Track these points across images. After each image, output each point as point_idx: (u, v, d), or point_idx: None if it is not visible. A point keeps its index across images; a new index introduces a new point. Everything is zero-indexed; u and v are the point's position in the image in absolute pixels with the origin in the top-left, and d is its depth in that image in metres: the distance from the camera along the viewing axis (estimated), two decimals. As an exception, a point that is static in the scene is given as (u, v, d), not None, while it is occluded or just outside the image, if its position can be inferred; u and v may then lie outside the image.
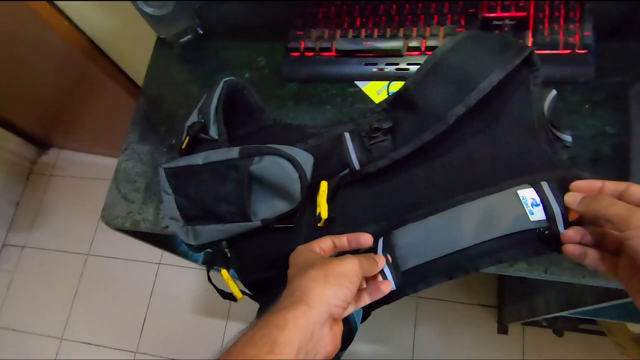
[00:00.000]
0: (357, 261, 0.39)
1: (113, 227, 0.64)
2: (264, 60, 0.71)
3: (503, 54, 0.49)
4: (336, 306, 0.37)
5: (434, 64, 0.50)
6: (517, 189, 0.42)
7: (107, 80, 1.06)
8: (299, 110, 0.66)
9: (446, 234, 0.42)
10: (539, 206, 0.41)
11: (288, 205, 0.48)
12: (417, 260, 0.43)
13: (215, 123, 0.52)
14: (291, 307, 0.35)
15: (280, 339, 0.33)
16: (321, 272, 0.38)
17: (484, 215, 0.41)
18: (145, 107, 0.71)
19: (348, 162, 0.50)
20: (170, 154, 0.66)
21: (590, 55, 0.59)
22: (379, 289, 0.42)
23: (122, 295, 1.50)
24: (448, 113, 0.47)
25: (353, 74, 0.66)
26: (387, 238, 0.44)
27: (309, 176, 0.48)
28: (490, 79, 0.47)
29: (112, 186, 0.66)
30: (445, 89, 0.49)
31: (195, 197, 0.50)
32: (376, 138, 0.51)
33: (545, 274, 0.52)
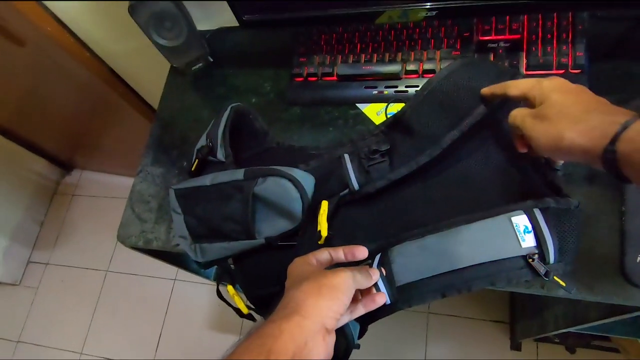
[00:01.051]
0: (350, 274, 0.41)
1: (128, 245, 0.67)
2: (270, 86, 0.74)
3: (497, 80, 0.51)
4: (329, 317, 0.38)
5: (430, 91, 0.53)
6: (511, 215, 0.43)
7: (126, 106, 1.12)
8: (302, 133, 0.69)
9: (442, 254, 0.44)
10: (530, 233, 0.43)
11: (290, 223, 0.51)
12: (412, 276, 0.44)
13: (222, 146, 0.55)
14: (286, 318, 0.37)
15: (274, 347, 0.35)
16: (315, 285, 0.39)
17: (478, 239, 0.43)
18: (159, 131, 0.76)
19: (347, 183, 0.52)
20: (181, 175, 0.70)
21: (583, 75, 0.60)
22: (373, 300, 0.44)
23: (139, 311, 1.54)
24: (443, 138, 0.50)
25: (354, 97, 0.69)
26: (384, 254, 0.46)
27: (310, 196, 0.51)
28: (483, 106, 0.50)
29: (127, 206, 0.70)
30: (441, 115, 0.51)
31: (203, 217, 0.53)
32: (374, 160, 0.53)
33: (542, 290, 0.53)
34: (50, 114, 1.34)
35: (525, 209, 0.43)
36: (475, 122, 0.50)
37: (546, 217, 0.43)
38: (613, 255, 0.52)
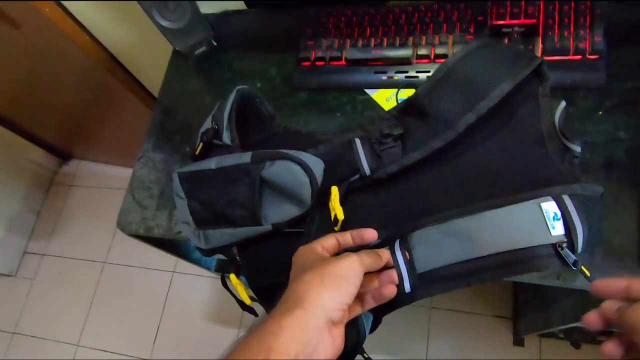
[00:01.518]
0: (356, 258, 0.38)
1: (128, 233, 0.65)
2: (275, 70, 0.72)
3: (514, 63, 0.50)
4: (334, 309, 0.35)
5: (445, 73, 0.51)
6: (540, 201, 0.41)
7: (126, 93, 1.09)
8: (309, 118, 0.67)
9: (467, 240, 0.41)
10: (560, 220, 0.40)
11: (298, 209, 0.49)
12: (435, 263, 0.42)
13: (228, 129, 0.53)
14: (286, 313, 0.34)
15: (275, 345, 0.32)
16: (317, 274, 0.37)
17: (506, 225, 0.41)
18: (160, 116, 0.73)
19: (358, 168, 0.50)
20: (184, 161, 0.68)
21: (601, 61, 0.59)
22: (382, 294, 0.41)
23: (137, 303, 1.52)
24: (458, 121, 0.48)
25: (363, 82, 0.67)
26: (404, 240, 0.44)
27: (320, 181, 0.49)
28: (500, 88, 0.48)
29: (128, 193, 0.68)
30: (456, 98, 0.49)
31: (208, 201, 0.51)
32: (386, 144, 0.51)
33: (558, 280, 0.51)
34: (48, 101, 1.31)
35: (554, 196, 0.41)
36: (492, 105, 0.48)
37: (575, 204, 0.41)
38: (631, 246, 0.51)
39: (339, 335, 0.37)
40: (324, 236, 0.44)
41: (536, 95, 0.52)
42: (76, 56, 0.97)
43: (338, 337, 0.37)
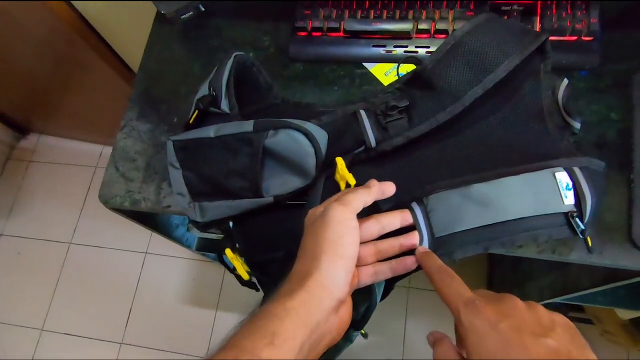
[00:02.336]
0: (337, 206, 0.36)
1: (111, 207, 0.61)
2: (269, 40, 0.69)
3: (521, 38, 0.50)
4: (339, 287, 0.34)
5: (453, 45, 0.50)
6: (554, 171, 0.42)
7: (97, 60, 1.02)
8: (305, 91, 0.65)
9: (487, 204, 0.41)
10: (571, 190, 0.41)
11: (302, 181, 0.47)
12: (455, 227, 0.41)
13: (227, 97, 0.50)
14: (292, 294, 0.32)
15: (280, 329, 0.30)
16: (314, 243, 0.35)
17: (524, 192, 0.41)
18: (144, 83, 0.69)
19: (364, 139, 0.49)
20: (172, 132, 0.64)
21: (595, 43, 0.60)
22: (403, 264, 0.40)
23: (107, 285, 1.46)
24: (466, 94, 0.48)
25: (361, 56, 0.65)
26: (420, 203, 0.43)
27: (324, 152, 0.47)
28: (509, 62, 0.48)
29: (110, 164, 0.63)
30: (464, 70, 0.49)
31: (205, 172, 0.48)
32: (392, 116, 0.50)
33: (554, 254, 0.53)
34: (4, 67, 1.20)
35: (565, 166, 0.42)
36: (499, 79, 0.48)
37: (585, 175, 0.42)
38: (621, 222, 0.53)
39: (347, 311, 0.36)
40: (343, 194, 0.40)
41: (538, 72, 0.53)
42: (41, 18, 0.89)
43: (345, 314, 0.35)
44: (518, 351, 0.29)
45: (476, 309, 0.32)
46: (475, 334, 0.31)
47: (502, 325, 0.30)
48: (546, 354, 0.28)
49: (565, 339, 0.29)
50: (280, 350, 0.29)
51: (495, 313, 0.31)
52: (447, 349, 0.34)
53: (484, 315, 0.31)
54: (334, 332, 0.34)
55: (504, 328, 0.30)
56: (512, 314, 0.31)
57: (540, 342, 0.29)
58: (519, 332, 0.29)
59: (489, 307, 0.31)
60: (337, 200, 0.37)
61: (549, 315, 0.31)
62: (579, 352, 0.29)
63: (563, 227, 0.41)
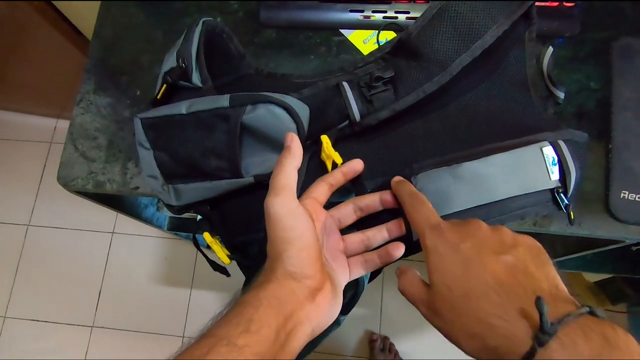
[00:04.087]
0: (276, 201, 0.35)
1: (72, 190, 0.56)
2: (238, 3, 0.64)
3: (507, 3, 0.48)
4: (308, 276, 0.33)
5: (439, 10, 0.47)
6: (541, 145, 0.40)
7: (43, 24, 0.91)
8: (279, 60, 0.60)
9: (480, 185, 0.40)
10: (557, 165, 0.41)
11: None
12: (446, 209, 0.40)
13: (198, 69, 0.46)
14: (264, 285, 0.32)
15: (255, 317, 0.30)
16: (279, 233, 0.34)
17: (513, 170, 0.40)
18: (100, 53, 0.62)
19: (348, 113, 0.46)
20: (136, 106, 0.58)
21: (576, 9, 0.59)
22: (389, 254, 0.39)
23: (73, 268, 1.39)
24: (453, 63, 0.46)
25: (338, 22, 0.61)
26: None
27: (306, 127, 0.44)
28: (497, 27, 0.46)
29: (68, 143, 0.57)
30: (451, 37, 0.46)
31: (178, 152, 0.44)
32: (377, 88, 0.47)
33: (535, 227, 0.53)
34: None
35: (551, 140, 0.41)
36: (487, 46, 0.46)
37: (570, 149, 0.41)
38: (599, 191, 0.53)
39: (326, 298, 0.34)
40: (311, 186, 0.40)
41: (523, 40, 0.51)
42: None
43: (324, 301, 0.34)
44: (476, 268, 0.29)
45: (440, 231, 0.32)
46: (437, 255, 0.31)
47: (463, 245, 0.30)
48: (504, 270, 0.29)
49: (526, 256, 0.30)
50: (256, 337, 0.29)
51: (458, 235, 0.31)
52: (411, 277, 0.35)
53: (447, 237, 0.31)
54: (313, 321, 0.33)
55: (464, 248, 0.30)
56: (475, 235, 0.31)
57: (499, 258, 0.29)
58: (479, 251, 0.30)
59: (453, 229, 0.32)
60: (269, 192, 0.35)
61: (513, 236, 0.32)
62: (538, 269, 0.29)
63: (549, 204, 0.41)
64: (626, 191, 0.52)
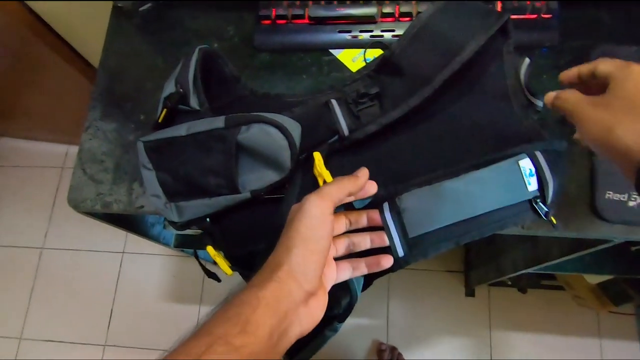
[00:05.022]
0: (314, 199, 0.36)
1: (82, 211, 0.60)
2: (233, 30, 0.68)
3: (484, 19, 0.51)
4: (306, 280, 0.34)
5: (419, 29, 0.51)
6: (518, 159, 0.43)
7: (55, 58, 0.97)
8: (274, 81, 0.64)
9: (458, 201, 0.42)
10: (534, 176, 0.43)
11: (278, 175, 0.47)
12: (428, 226, 0.42)
13: (195, 93, 0.49)
14: (263, 284, 0.33)
15: (252, 318, 0.31)
16: (286, 236, 0.36)
17: (491, 185, 0.42)
18: (106, 81, 0.66)
19: (337, 129, 0.49)
20: (140, 130, 0.62)
21: (554, 20, 0.61)
22: (378, 263, 0.41)
23: (85, 288, 1.43)
24: (435, 77, 0.48)
25: (327, 42, 0.65)
26: (392, 203, 0.44)
27: (298, 144, 0.47)
28: (473, 42, 0.49)
29: (77, 167, 0.61)
30: (431, 53, 0.49)
31: (179, 171, 0.47)
32: (363, 104, 0.50)
33: (523, 230, 0.55)
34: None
35: (528, 152, 0.43)
36: (466, 59, 0.49)
37: (547, 159, 0.43)
38: (584, 193, 0.55)
39: (317, 304, 0.36)
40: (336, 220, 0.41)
41: (501, 53, 0.54)
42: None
43: (316, 307, 0.35)
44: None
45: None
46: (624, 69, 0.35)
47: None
48: None
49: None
50: (252, 337, 0.30)
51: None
52: (572, 91, 0.39)
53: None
54: (304, 323, 0.34)
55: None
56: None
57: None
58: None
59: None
60: (315, 193, 0.38)
61: None
62: None
63: (527, 213, 0.43)
64: (611, 192, 0.54)
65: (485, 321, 1.27)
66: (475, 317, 1.28)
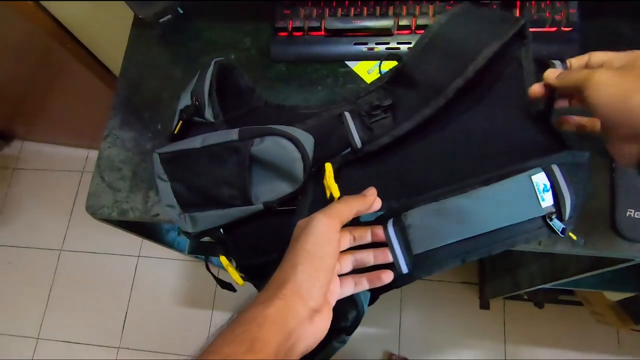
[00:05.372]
0: (321, 217, 0.37)
1: (99, 218, 0.61)
2: (250, 41, 0.68)
3: (498, 25, 0.49)
4: (311, 298, 0.35)
5: (431, 38, 0.50)
6: (531, 174, 0.41)
7: (77, 65, 1.00)
8: (289, 92, 0.64)
9: (463, 218, 0.41)
10: (549, 191, 0.41)
11: (290, 186, 0.47)
12: (432, 243, 0.42)
13: (210, 105, 0.50)
14: (269, 302, 0.33)
15: (259, 335, 0.31)
16: (292, 253, 0.36)
17: (500, 202, 0.41)
18: (125, 91, 0.68)
19: (350, 141, 0.49)
20: (157, 139, 0.63)
21: (575, 33, 0.60)
22: (379, 278, 0.41)
23: (101, 290, 1.45)
24: (448, 86, 0.47)
25: (343, 54, 0.65)
26: (397, 219, 0.43)
27: (311, 156, 0.47)
28: (487, 49, 0.47)
29: (95, 175, 0.62)
30: (443, 62, 0.49)
31: (194, 183, 0.48)
32: (376, 116, 0.50)
33: (539, 246, 0.53)
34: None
35: (543, 166, 0.42)
36: (479, 68, 0.47)
37: (564, 172, 0.41)
38: (604, 210, 0.53)
39: (322, 321, 0.36)
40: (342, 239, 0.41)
41: (519, 59, 0.52)
42: (16, 23, 0.87)
43: (321, 324, 0.35)
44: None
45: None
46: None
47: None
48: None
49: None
50: (259, 355, 0.30)
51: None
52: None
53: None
54: (309, 340, 0.34)
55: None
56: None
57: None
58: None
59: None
60: (323, 211, 0.38)
61: None
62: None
63: (541, 230, 0.41)
64: (632, 209, 0.53)
65: (500, 334, 1.25)
66: (489, 330, 1.25)
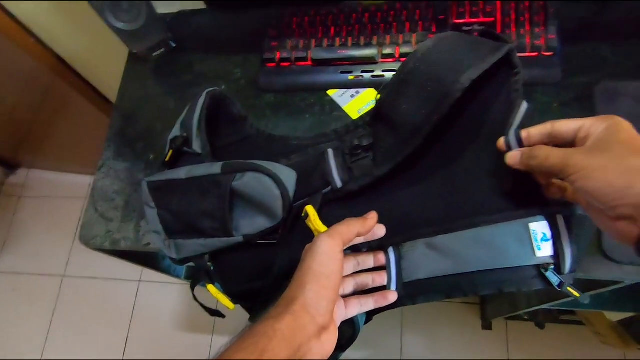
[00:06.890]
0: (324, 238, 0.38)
1: (92, 248, 0.62)
2: (240, 72, 0.70)
3: (476, 53, 0.45)
4: (320, 314, 0.36)
5: (405, 74, 0.47)
6: (529, 221, 0.40)
7: (77, 97, 1.03)
8: (277, 121, 0.66)
9: (452, 255, 0.42)
10: (549, 242, 0.39)
11: (270, 221, 0.47)
12: (421, 274, 0.44)
13: (199, 137, 0.51)
14: (279, 317, 0.35)
15: (269, 347, 0.33)
16: (301, 272, 0.37)
17: (491, 244, 0.41)
18: (120, 123, 0.70)
19: (329, 180, 0.49)
20: (149, 169, 0.65)
21: (556, 57, 0.61)
22: (385, 297, 0.43)
23: (103, 316, 1.46)
24: (426, 123, 0.43)
25: (330, 83, 0.67)
26: (396, 249, 0.46)
27: (292, 193, 0.47)
28: (462, 80, 0.41)
29: (89, 205, 0.64)
30: (419, 98, 0.45)
31: (178, 212, 0.49)
32: (358, 155, 0.50)
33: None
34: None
35: (547, 215, 0.40)
36: (454, 101, 0.42)
37: (568, 225, 0.40)
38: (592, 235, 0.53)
39: (329, 339, 0.37)
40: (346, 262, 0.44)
41: (508, 92, 0.47)
42: (20, 60, 0.90)
43: (328, 342, 0.37)
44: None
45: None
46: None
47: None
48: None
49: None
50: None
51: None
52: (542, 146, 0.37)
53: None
54: (315, 356, 0.36)
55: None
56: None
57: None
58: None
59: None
60: (326, 232, 0.39)
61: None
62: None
63: (534, 280, 0.40)
64: (618, 232, 0.52)
65: (503, 355, 1.23)
66: (492, 350, 1.23)
